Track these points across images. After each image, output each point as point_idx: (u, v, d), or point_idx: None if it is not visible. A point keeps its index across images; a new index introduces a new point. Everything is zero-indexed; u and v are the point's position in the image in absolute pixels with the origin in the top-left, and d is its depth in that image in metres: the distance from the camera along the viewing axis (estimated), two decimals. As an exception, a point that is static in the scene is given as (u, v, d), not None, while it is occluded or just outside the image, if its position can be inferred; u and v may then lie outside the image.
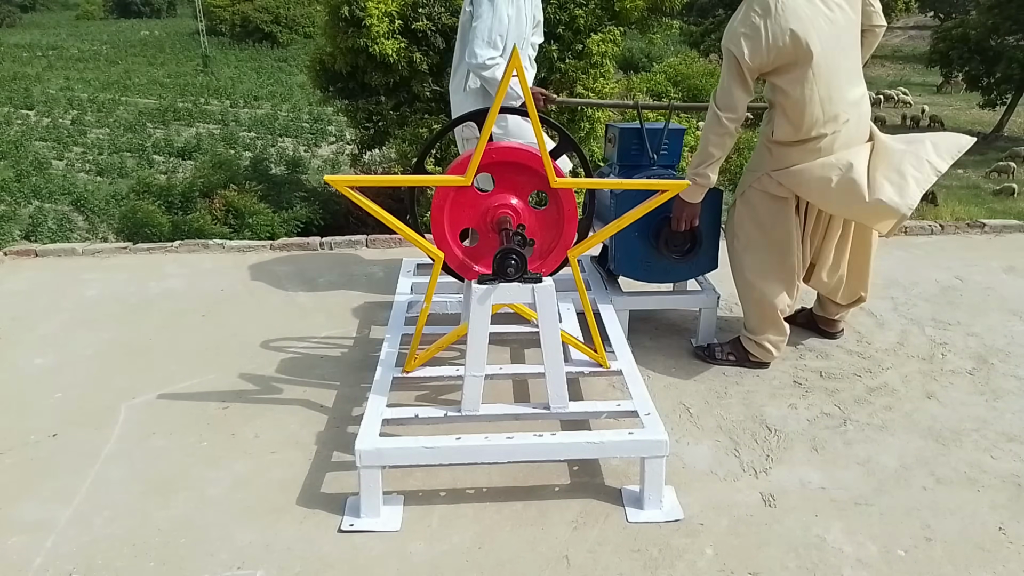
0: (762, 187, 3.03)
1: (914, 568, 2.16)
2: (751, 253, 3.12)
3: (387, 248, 4.77)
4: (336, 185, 2.39)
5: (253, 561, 2.19)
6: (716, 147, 2.91)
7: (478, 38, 3.19)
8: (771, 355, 3.20)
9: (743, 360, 3.22)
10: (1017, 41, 24.27)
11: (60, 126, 23.38)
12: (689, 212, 3.08)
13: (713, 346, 3.30)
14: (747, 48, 2.75)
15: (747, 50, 2.75)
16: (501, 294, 2.39)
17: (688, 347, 3.43)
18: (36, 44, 43.58)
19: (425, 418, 2.55)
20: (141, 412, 2.95)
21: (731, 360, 3.24)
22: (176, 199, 12.49)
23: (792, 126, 2.86)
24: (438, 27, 9.56)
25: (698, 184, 2.97)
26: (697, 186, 2.97)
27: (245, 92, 29.11)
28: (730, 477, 2.55)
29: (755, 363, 3.22)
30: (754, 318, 3.18)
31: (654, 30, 11.65)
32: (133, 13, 61.76)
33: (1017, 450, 2.68)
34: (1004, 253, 4.59)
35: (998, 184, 18.31)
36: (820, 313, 3.48)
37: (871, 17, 2.98)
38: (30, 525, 2.33)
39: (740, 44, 2.76)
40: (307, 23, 40.11)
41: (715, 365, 3.24)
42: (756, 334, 3.18)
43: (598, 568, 2.16)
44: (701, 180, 2.96)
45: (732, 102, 2.83)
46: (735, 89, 2.82)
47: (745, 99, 2.84)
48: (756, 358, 3.20)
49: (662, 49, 28.77)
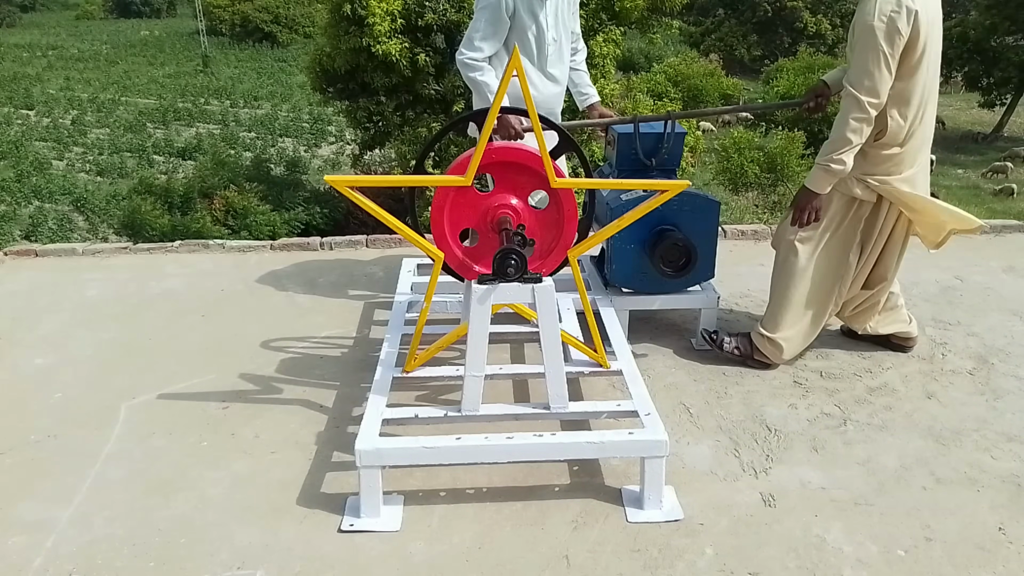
0: (845, 188, 2.97)
1: (914, 568, 2.16)
2: (809, 246, 3.05)
3: (387, 248, 4.76)
4: (336, 185, 2.39)
5: (253, 561, 2.19)
6: (855, 133, 2.78)
7: (465, 37, 3.29)
8: (780, 357, 3.15)
9: (747, 357, 3.19)
10: (1016, 41, 24.28)
11: (60, 126, 23.39)
12: (816, 203, 2.98)
13: (722, 336, 3.25)
14: (899, 21, 2.67)
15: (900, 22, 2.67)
16: (501, 294, 2.39)
17: (689, 347, 3.43)
18: (36, 44, 43.59)
19: (425, 418, 2.55)
20: (141, 412, 2.95)
21: (736, 354, 3.20)
22: (176, 199, 12.50)
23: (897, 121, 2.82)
24: (443, 23, 9.53)
25: (831, 172, 2.86)
26: (830, 173, 2.87)
27: (245, 92, 29.12)
28: (730, 477, 2.55)
29: (759, 363, 3.19)
30: (781, 314, 3.11)
31: (654, 30, 11.66)
32: (133, 13, 61.74)
33: (1017, 450, 2.68)
34: (1004, 253, 4.59)
35: (997, 184, 18.32)
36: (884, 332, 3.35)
37: None
38: (30, 525, 2.33)
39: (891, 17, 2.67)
40: (307, 23, 40.12)
41: (719, 354, 3.21)
42: (774, 331, 3.13)
43: (598, 568, 2.16)
44: (836, 167, 2.84)
45: (875, 85, 2.72)
46: (881, 69, 2.71)
47: (888, 82, 2.74)
48: (764, 357, 3.17)
49: (662, 49, 28.78)
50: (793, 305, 3.10)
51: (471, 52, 3.26)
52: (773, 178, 15.08)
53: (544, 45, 3.35)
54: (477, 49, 3.26)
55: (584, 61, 3.70)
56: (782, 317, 3.12)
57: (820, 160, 2.90)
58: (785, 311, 3.12)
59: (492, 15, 3.23)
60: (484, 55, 3.27)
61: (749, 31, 34.81)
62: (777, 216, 12.45)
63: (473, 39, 3.26)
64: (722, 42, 34.64)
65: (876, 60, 2.71)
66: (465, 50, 3.28)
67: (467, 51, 3.27)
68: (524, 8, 3.25)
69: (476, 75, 3.27)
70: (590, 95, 3.66)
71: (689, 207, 3.24)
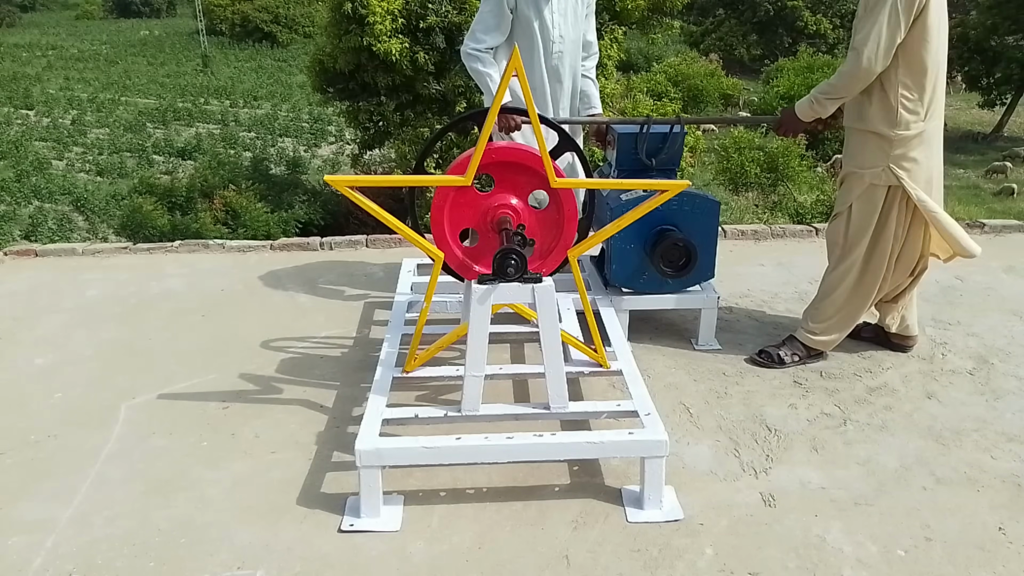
0: (878, 180, 2.97)
1: (914, 568, 2.16)
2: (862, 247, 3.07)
3: (387, 248, 4.76)
4: (336, 185, 2.39)
5: (253, 561, 2.19)
6: (846, 89, 2.90)
7: (470, 29, 3.40)
8: (831, 343, 3.23)
9: (806, 357, 3.25)
10: (1017, 41, 24.26)
11: (60, 126, 23.36)
12: (794, 127, 3.14)
13: (773, 351, 3.26)
14: None
15: None
16: (501, 294, 2.39)
17: (689, 347, 3.43)
18: (36, 44, 43.55)
19: (425, 418, 2.55)
20: (141, 412, 2.95)
21: (797, 360, 3.24)
22: (177, 199, 12.49)
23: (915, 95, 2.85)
24: (445, 24, 9.54)
25: (815, 109, 2.99)
26: (815, 107, 2.99)
27: (245, 92, 29.10)
28: (730, 477, 2.55)
29: (816, 355, 3.26)
30: (830, 310, 3.16)
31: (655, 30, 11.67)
32: (133, 13, 61.68)
33: (1017, 450, 2.68)
34: (1004, 253, 4.59)
35: (997, 184, 18.34)
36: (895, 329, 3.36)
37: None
38: (30, 525, 2.33)
39: None
40: (307, 23, 40.09)
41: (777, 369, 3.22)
42: (820, 324, 3.19)
43: (598, 568, 2.16)
44: (818, 107, 2.98)
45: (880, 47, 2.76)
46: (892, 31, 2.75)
47: (892, 44, 2.78)
48: (817, 348, 3.24)
49: (662, 49, 28.75)
50: (847, 300, 3.15)
51: (473, 43, 3.34)
52: (773, 178, 15.06)
53: (549, 42, 3.36)
54: (479, 40, 3.33)
55: (594, 69, 3.68)
56: (831, 312, 3.18)
57: (812, 94, 3.02)
58: (834, 307, 3.17)
59: (494, 7, 3.29)
60: (486, 46, 3.33)
61: (749, 31, 34.78)
62: (777, 216, 12.44)
63: (476, 31, 3.34)
64: (722, 42, 34.61)
65: (883, 19, 2.75)
66: (468, 41, 3.35)
67: (470, 42, 3.35)
68: (526, 2, 3.28)
69: (478, 66, 3.34)
70: (592, 105, 3.64)
71: (689, 207, 3.24)
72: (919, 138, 2.91)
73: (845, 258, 3.12)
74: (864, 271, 3.11)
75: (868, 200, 3.02)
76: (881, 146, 2.94)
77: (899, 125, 2.89)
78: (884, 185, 2.98)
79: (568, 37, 3.42)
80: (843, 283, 3.13)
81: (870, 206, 3.02)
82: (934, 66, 2.86)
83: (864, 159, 2.99)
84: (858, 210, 3.05)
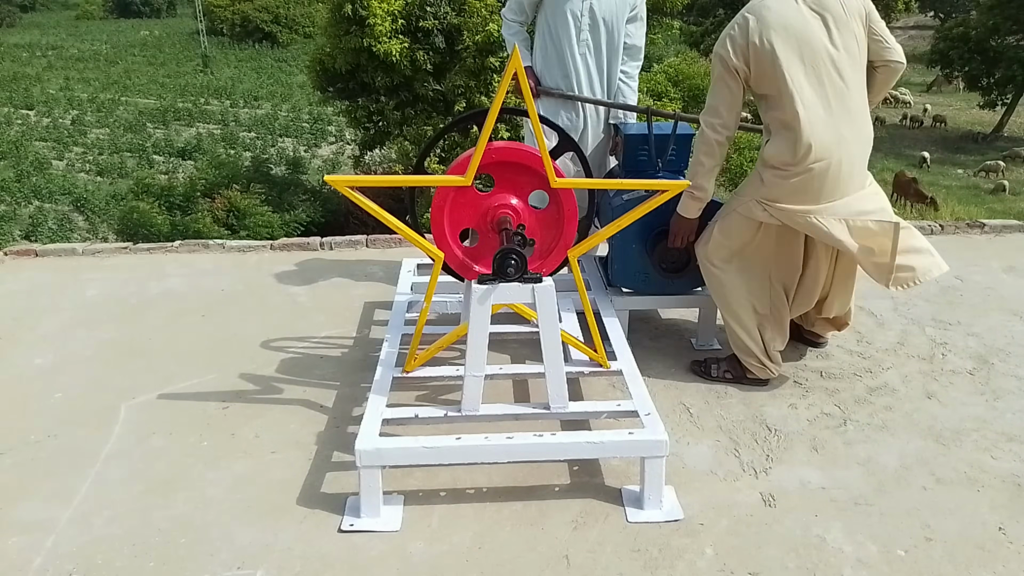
0: (747, 212, 2.91)
1: (914, 568, 2.16)
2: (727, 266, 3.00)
3: (387, 248, 4.76)
4: (336, 185, 2.39)
5: (253, 561, 2.19)
6: (705, 156, 2.86)
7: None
8: (769, 372, 3.07)
9: (740, 378, 3.11)
10: (1018, 41, 24.27)
11: (60, 126, 23.39)
12: (686, 227, 3.02)
13: (709, 362, 3.19)
14: (730, 46, 2.73)
15: (730, 47, 2.73)
16: (501, 294, 2.39)
17: (688, 347, 3.43)
18: (36, 44, 43.58)
19: (425, 418, 2.55)
20: (141, 412, 2.95)
21: (728, 378, 3.13)
22: (178, 199, 12.50)
23: (784, 146, 2.74)
24: (443, 26, 9.56)
25: (694, 197, 2.92)
26: (694, 200, 2.93)
27: (245, 92, 29.12)
28: (730, 477, 2.55)
29: (752, 380, 3.10)
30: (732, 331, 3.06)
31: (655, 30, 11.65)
32: (133, 13, 61.71)
33: (1017, 450, 2.68)
34: (1004, 253, 4.59)
35: (992, 183, 18.40)
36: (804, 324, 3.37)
37: (881, 52, 2.81)
38: (30, 525, 2.33)
39: (724, 43, 2.75)
40: (307, 23, 40.13)
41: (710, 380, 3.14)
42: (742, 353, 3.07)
43: (598, 568, 2.16)
44: (698, 192, 2.91)
45: (716, 107, 2.79)
46: (720, 91, 2.78)
47: (730, 105, 2.78)
48: (753, 375, 3.09)
49: (662, 49, 28.76)
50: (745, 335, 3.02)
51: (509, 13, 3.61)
52: (773, 178, 15.07)
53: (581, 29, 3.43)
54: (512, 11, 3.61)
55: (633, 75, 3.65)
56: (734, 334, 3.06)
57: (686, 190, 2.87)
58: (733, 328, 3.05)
59: None
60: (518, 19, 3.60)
61: (749, 31, 34.77)
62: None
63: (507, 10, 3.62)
64: (722, 42, 34.60)
65: (716, 81, 2.80)
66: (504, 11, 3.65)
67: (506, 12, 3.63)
68: None
69: (506, 32, 3.67)
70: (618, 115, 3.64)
71: None
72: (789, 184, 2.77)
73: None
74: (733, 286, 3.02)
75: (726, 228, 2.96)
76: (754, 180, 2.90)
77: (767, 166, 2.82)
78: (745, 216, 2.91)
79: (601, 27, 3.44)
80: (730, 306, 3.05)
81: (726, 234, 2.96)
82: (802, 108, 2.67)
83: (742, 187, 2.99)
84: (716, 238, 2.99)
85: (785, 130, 2.74)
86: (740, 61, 2.72)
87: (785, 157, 2.75)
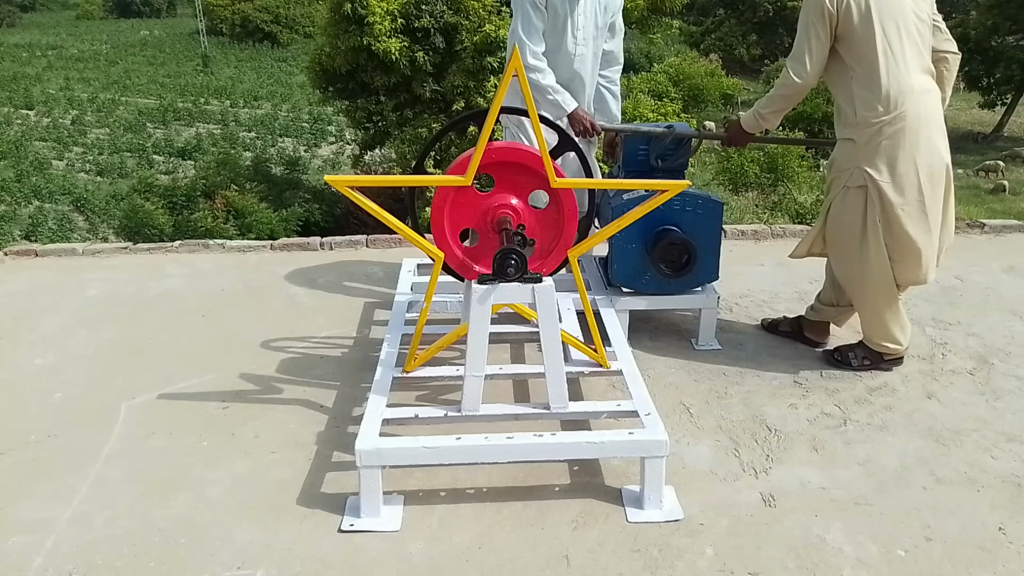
0: (856, 182, 2.94)
1: (914, 568, 2.16)
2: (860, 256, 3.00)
3: (387, 248, 4.76)
4: (336, 185, 2.39)
5: (253, 561, 2.19)
6: (783, 101, 3.04)
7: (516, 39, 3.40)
8: (902, 348, 3.15)
9: (878, 362, 3.16)
10: (1017, 41, 24.27)
11: (60, 126, 23.38)
12: (739, 139, 3.27)
13: (845, 350, 3.21)
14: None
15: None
16: (501, 294, 2.39)
17: (688, 347, 3.43)
18: (36, 44, 43.59)
19: (425, 418, 2.55)
20: (141, 412, 2.95)
21: (867, 365, 3.16)
22: (178, 199, 12.50)
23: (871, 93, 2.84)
24: (440, 25, 9.56)
25: (759, 122, 3.12)
26: (759, 120, 3.12)
27: (245, 92, 29.12)
28: (730, 477, 2.55)
29: (891, 361, 3.17)
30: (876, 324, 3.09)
31: (654, 30, 11.67)
32: (133, 13, 61.72)
33: (1017, 450, 2.68)
34: (1004, 253, 4.59)
35: (992, 183, 18.41)
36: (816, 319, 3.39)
37: (939, 41, 3.00)
38: (30, 525, 2.33)
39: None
40: (307, 23, 40.15)
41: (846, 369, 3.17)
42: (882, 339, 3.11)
43: (598, 568, 2.16)
44: (761, 120, 3.11)
45: (802, 56, 2.90)
46: (809, 39, 2.88)
47: (816, 55, 2.89)
48: (891, 355, 3.15)
49: (662, 49, 28.75)
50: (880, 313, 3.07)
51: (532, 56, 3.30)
52: (773, 178, 15.08)
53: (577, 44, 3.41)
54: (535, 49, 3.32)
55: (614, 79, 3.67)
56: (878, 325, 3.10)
57: (755, 107, 3.15)
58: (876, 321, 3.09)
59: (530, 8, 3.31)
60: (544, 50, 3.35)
61: (749, 31, 34.79)
62: (777, 216, 12.44)
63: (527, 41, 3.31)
64: (722, 42, 34.62)
65: (802, 33, 2.91)
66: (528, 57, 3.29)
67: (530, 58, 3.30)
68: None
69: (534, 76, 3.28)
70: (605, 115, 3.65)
71: (692, 208, 3.24)
72: (884, 134, 2.86)
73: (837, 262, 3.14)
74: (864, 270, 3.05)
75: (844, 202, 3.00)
76: (850, 148, 2.95)
77: (859, 125, 2.89)
78: (857, 187, 2.94)
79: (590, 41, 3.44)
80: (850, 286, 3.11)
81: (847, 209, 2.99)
82: (885, 57, 2.83)
83: (839, 163, 3.02)
84: (835, 215, 3.04)
85: (870, 81, 2.85)
86: (834, 7, 2.84)
87: (874, 106, 2.86)
